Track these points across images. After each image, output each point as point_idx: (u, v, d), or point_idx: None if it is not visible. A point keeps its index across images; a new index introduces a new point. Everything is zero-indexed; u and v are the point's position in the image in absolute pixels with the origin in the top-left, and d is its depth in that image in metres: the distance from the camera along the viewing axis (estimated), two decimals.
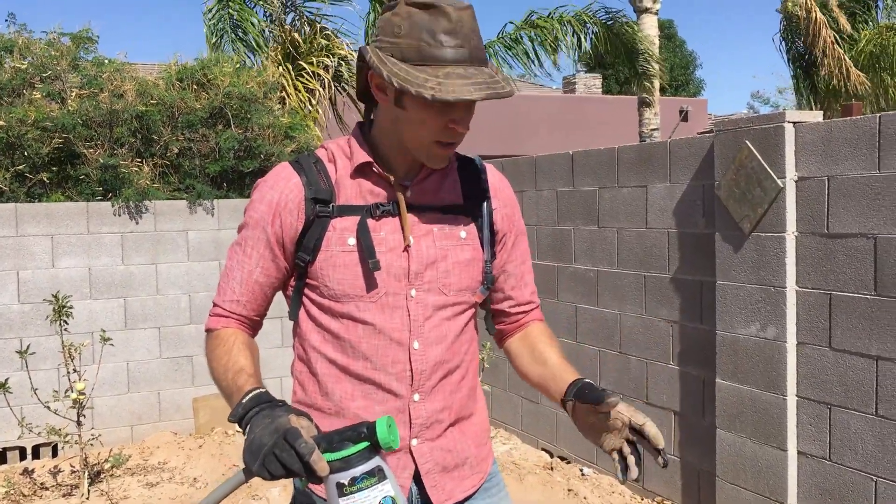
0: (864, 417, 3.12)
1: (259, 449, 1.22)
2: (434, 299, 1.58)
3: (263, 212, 1.57)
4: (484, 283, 1.65)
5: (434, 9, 1.44)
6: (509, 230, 1.71)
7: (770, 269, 3.41)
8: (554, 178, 4.96)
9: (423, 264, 1.57)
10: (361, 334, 1.55)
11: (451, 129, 1.49)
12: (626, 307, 4.41)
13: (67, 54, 6.04)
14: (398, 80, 1.42)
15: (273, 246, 1.57)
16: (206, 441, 5.51)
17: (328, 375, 1.58)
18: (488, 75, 1.46)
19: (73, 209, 5.41)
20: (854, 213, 3.12)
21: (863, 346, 3.11)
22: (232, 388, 1.45)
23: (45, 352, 5.21)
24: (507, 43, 10.12)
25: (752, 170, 3.44)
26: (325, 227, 1.54)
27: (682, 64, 33.40)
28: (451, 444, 1.63)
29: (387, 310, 1.55)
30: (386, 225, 1.56)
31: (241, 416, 1.34)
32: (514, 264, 1.74)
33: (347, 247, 1.54)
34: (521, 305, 1.78)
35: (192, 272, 5.71)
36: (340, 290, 1.54)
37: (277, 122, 6.25)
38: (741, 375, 3.59)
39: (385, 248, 1.55)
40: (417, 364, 1.57)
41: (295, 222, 1.55)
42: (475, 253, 1.63)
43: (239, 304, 1.61)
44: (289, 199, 1.56)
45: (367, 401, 1.57)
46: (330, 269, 1.54)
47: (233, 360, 1.51)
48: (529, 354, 1.75)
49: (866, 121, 3.08)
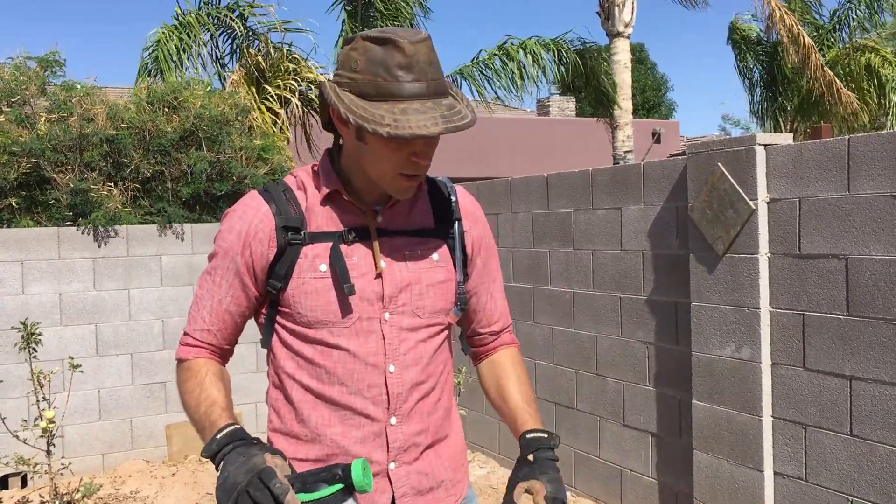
0: (838, 437, 3.14)
1: (233, 488, 1.22)
2: (408, 322, 1.59)
3: (233, 242, 1.57)
4: (457, 305, 1.65)
5: (389, 43, 1.44)
6: (479, 251, 1.72)
7: (744, 290, 3.44)
8: (529, 200, 4.98)
9: (397, 288, 1.58)
10: (336, 359, 1.55)
11: (414, 162, 1.50)
12: (603, 329, 4.42)
13: (35, 79, 5.98)
14: (355, 117, 1.43)
15: (243, 276, 1.58)
16: (179, 469, 5.41)
17: (304, 402, 1.57)
18: (447, 107, 1.46)
19: (44, 234, 5.34)
20: (825, 234, 3.16)
21: (836, 366, 3.13)
22: (205, 421, 1.44)
23: (15, 380, 5.11)
24: (480, 68, 10.21)
25: (725, 192, 3.48)
26: (296, 254, 1.55)
27: (654, 86, 33.82)
28: (427, 466, 1.63)
29: (361, 334, 1.55)
30: (358, 250, 1.57)
31: (216, 453, 1.33)
32: (484, 285, 1.75)
33: (319, 273, 1.54)
34: (492, 325, 1.78)
35: (165, 297, 5.64)
36: (313, 317, 1.54)
37: (250, 145, 6.22)
38: (717, 396, 3.60)
39: (357, 273, 1.55)
40: (393, 387, 1.57)
41: (266, 251, 1.56)
42: (448, 274, 1.64)
43: (209, 334, 1.61)
44: (259, 229, 1.56)
45: (344, 426, 1.56)
46: (302, 297, 1.54)
47: (205, 393, 1.51)
48: (495, 387, 1.76)
49: (836, 143, 3.12)
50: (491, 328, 1.78)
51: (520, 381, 1.74)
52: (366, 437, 1.56)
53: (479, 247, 1.72)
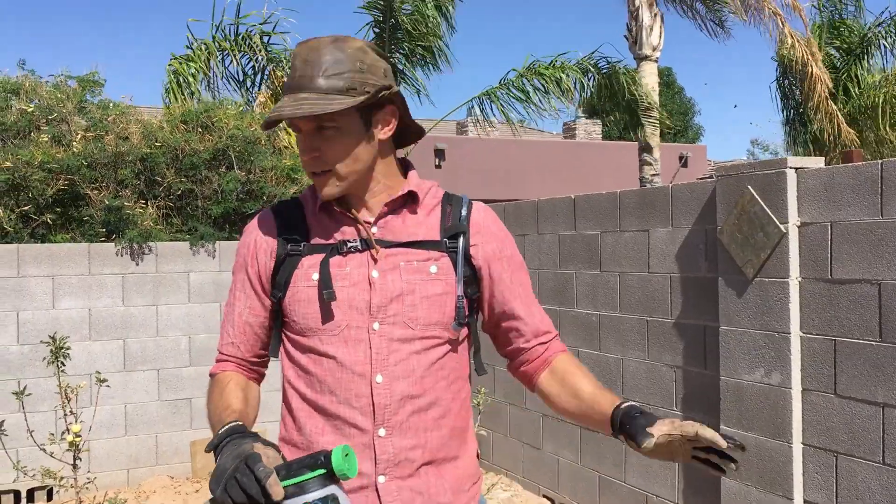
0: (871, 466, 3.08)
1: (222, 475, 1.26)
2: (400, 333, 1.58)
3: (244, 255, 1.69)
4: (456, 319, 1.61)
5: (300, 45, 1.59)
6: (496, 262, 1.68)
7: (774, 314, 3.40)
8: (556, 221, 4.98)
9: (388, 297, 1.58)
10: (326, 368, 1.58)
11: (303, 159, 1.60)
12: (629, 352, 4.38)
13: (74, 97, 6.11)
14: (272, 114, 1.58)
15: (255, 286, 1.67)
16: (203, 485, 5.43)
17: (301, 411, 1.61)
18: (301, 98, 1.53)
19: (75, 250, 5.42)
20: (857, 259, 3.12)
21: (869, 393, 3.08)
22: (216, 425, 1.49)
23: (43, 393, 5.17)
24: (508, 89, 10.23)
25: (755, 215, 3.45)
26: (295, 264, 1.62)
27: (681, 110, 33.75)
28: (424, 486, 1.58)
29: (350, 343, 1.57)
30: (352, 260, 1.60)
31: (215, 446, 1.37)
32: (520, 299, 1.70)
33: (311, 282, 1.59)
34: (536, 338, 1.72)
35: (192, 314, 5.69)
36: (305, 324, 1.59)
37: (279, 164, 6.29)
38: (746, 422, 3.55)
39: (348, 282, 1.58)
40: (380, 398, 1.55)
41: (268, 261, 1.65)
42: (447, 287, 1.61)
43: (234, 347, 1.68)
44: (263, 241, 1.66)
45: (336, 435, 1.57)
46: (296, 304, 1.60)
47: (224, 401, 1.57)
48: (561, 389, 1.69)
49: (868, 167, 3.09)
50: (539, 339, 1.72)
51: (587, 375, 1.69)
52: (355, 448, 1.52)
53: (494, 261, 1.68)
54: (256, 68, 9.02)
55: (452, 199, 1.70)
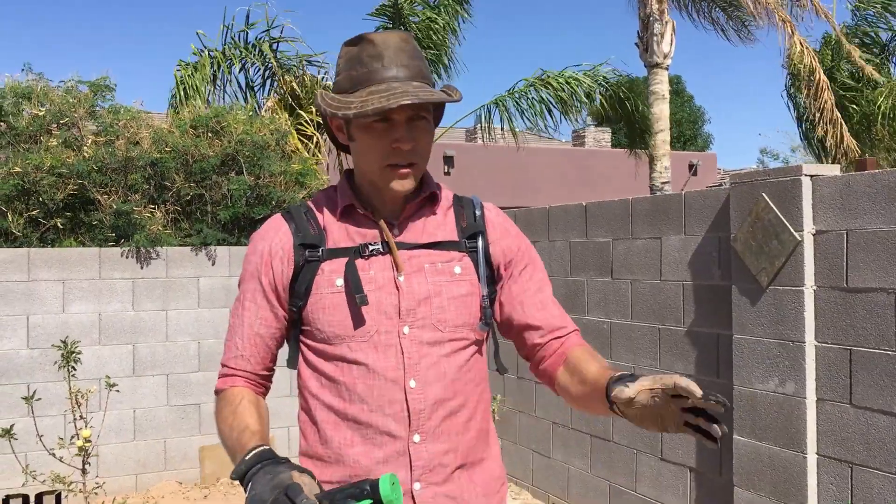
0: (887, 477, 3.04)
1: None
2: (429, 336, 1.55)
3: (257, 263, 1.61)
4: (482, 319, 1.60)
5: (362, 41, 1.54)
6: (512, 260, 1.67)
7: (788, 323, 3.37)
8: (567, 228, 4.95)
9: (416, 300, 1.55)
10: (356, 375, 1.53)
11: (396, 149, 1.52)
12: (641, 360, 4.35)
13: (85, 102, 6.12)
14: (331, 109, 1.50)
15: (269, 295, 1.60)
16: (211, 491, 5.41)
17: (327, 422, 1.56)
18: (416, 86, 1.49)
19: (86, 254, 5.42)
20: (874, 268, 3.09)
21: (885, 403, 3.05)
22: (236, 447, 1.44)
23: (53, 398, 5.17)
24: (516, 98, 10.23)
25: (769, 222, 3.42)
26: (314, 271, 1.56)
27: (691, 119, 33.66)
28: (458, 490, 1.57)
29: (380, 348, 1.53)
30: (375, 263, 1.56)
31: (244, 474, 1.32)
32: (530, 295, 1.67)
33: (336, 288, 1.55)
34: (553, 332, 1.66)
35: (201, 319, 5.69)
36: (332, 332, 1.54)
37: (288, 169, 6.29)
38: (759, 432, 3.51)
39: (374, 286, 1.54)
40: (415, 403, 1.53)
41: (286, 269, 1.58)
42: (472, 288, 1.60)
43: (243, 360, 1.62)
44: (279, 248, 1.59)
45: (366, 446, 1.53)
46: (320, 312, 1.55)
47: (238, 420, 1.51)
48: (571, 379, 1.59)
49: (885, 175, 3.06)
50: (554, 334, 1.66)
51: (595, 359, 1.58)
52: (388, 457, 1.52)
53: (511, 257, 1.67)
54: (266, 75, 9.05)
55: (463, 201, 1.69)
